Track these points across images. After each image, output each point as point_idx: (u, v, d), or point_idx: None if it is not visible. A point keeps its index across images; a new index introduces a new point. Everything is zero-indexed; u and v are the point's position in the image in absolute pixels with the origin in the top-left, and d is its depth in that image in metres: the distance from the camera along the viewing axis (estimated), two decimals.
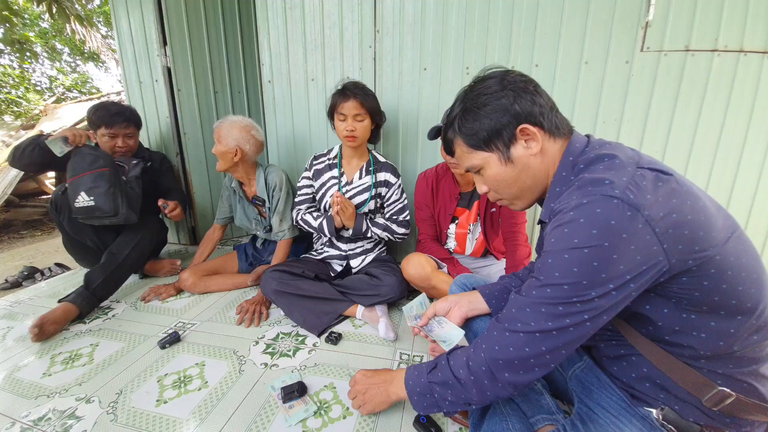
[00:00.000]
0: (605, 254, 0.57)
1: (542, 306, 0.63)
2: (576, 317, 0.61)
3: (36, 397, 1.12)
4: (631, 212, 0.56)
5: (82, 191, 1.60)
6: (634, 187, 0.58)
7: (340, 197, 1.51)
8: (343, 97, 1.50)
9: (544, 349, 0.64)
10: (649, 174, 0.61)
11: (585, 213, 0.59)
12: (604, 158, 0.66)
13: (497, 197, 0.82)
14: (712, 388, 0.63)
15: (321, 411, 1.05)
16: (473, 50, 1.77)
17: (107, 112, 1.80)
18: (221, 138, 1.67)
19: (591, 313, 0.61)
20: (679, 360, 0.66)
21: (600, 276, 0.58)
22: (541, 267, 0.65)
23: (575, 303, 0.60)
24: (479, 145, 0.75)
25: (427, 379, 0.80)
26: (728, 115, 1.64)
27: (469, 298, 0.98)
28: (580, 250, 0.58)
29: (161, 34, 2.19)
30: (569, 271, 0.60)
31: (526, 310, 0.66)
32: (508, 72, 0.74)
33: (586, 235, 0.58)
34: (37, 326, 1.39)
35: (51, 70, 9.98)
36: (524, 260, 1.47)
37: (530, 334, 0.64)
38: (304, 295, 1.51)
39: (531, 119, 0.70)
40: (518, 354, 0.66)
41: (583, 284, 0.59)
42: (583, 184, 0.63)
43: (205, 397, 1.11)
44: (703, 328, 0.62)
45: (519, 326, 0.66)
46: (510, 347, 0.67)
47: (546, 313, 0.63)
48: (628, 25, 1.60)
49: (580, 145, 0.73)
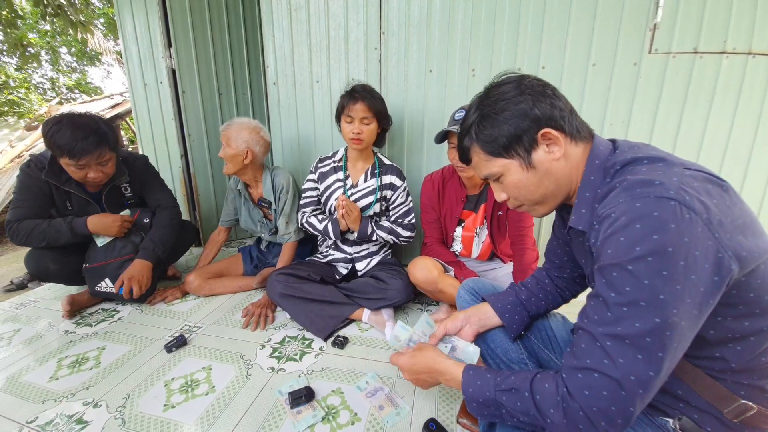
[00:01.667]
0: (672, 262, 0.51)
1: (626, 338, 0.54)
2: (667, 348, 0.52)
3: (43, 401, 1.12)
4: (689, 215, 0.51)
5: (106, 278, 1.59)
6: (688, 188, 0.53)
7: (345, 200, 1.51)
8: (351, 99, 1.49)
9: (641, 391, 0.54)
10: (699, 175, 0.57)
11: (640, 217, 0.53)
12: (644, 160, 0.62)
13: (517, 204, 0.79)
14: (735, 401, 0.61)
15: (329, 417, 1.05)
16: (479, 52, 1.76)
17: (71, 140, 1.38)
18: (230, 141, 1.66)
19: (679, 338, 0.53)
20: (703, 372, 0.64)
21: (674, 287, 0.51)
22: (607, 282, 0.57)
23: (660, 327, 0.52)
24: (498, 151, 0.72)
25: (494, 392, 0.68)
26: (737, 117, 1.63)
27: (479, 314, 0.95)
28: (644, 259, 0.52)
29: (166, 36, 2.19)
30: (641, 285, 0.52)
31: (607, 344, 0.55)
32: (524, 77, 0.72)
33: (647, 241, 0.52)
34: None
35: (52, 71, 10.01)
36: (532, 264, 1.46)
37: (625, 378, 0.54)
38: (309, 298, 1.51)
39: (552, 123, 0.68)
40: (613, 398, 0.55)
41: (660, 300, 0.51)
42: (631, 185, 0.57)
43: (213, 402, 1.11)
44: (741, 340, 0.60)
45: (606, 364, 0.55)
46: (603, 390, 0.55)
47: (632, 345, 0.54)
48: (636, 27, 1.59)
49: (605, 148, 0.70)
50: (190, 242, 2.03)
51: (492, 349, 0.95)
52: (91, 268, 1.58)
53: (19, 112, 8.04)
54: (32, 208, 1.52)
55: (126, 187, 1.73)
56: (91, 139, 1.42)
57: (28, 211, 1.51)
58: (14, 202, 1.53)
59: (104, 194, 1.64)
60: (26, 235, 1.49)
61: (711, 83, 1.60)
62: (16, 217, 1.50)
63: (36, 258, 1.58)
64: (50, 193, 1.56)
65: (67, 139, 1.38)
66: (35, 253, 1.59)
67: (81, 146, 1.40)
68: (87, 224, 1.54)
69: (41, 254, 1.59)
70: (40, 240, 1.50)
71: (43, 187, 1.53)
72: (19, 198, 1.53)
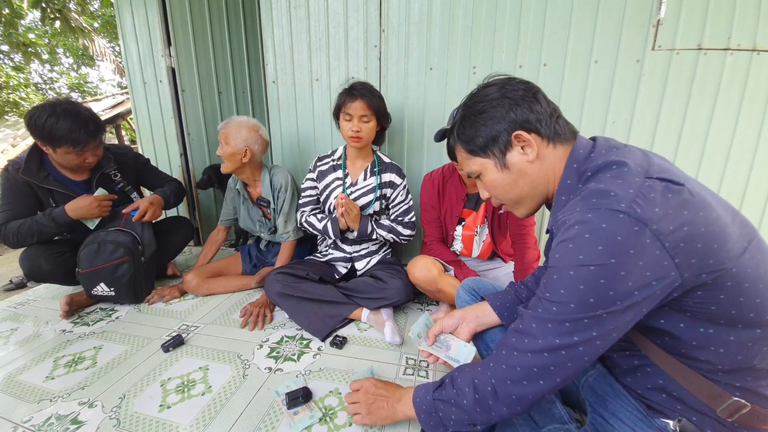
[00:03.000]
0: (612, 271, 0.55)
1: (548, 322, 0.62)
2: (584, 334, 0.59)
3: (39, 401, 1.11)
4: (638, 227, 0.54)
5: (101, 283, 1.58)
6: (641, 200, 0.56)
7: (344, 199, 1.49)
8: (350, 96, 1.48)
9: (553, 368, 0.62)
10: (659, 185, 0.58)
11: (590, 228, 0.57)
12: (613, 166, 0.64)
13: (499, 202, 0.82)
14: (728, 399, 0.61)
15: (326, 418, 1.03)
16: (480, 50, 1.74)
17: (74, 129, 1.42)
18: (229, 139, 1.65)
19: (599, 330, 0.59)
20: (696, 372, 0.64)
21: (608, 294, 0.56)
22: (546, 283, 0.63)
23: (583, 320, 0.59)
24: (476, 151, 0.76)
25: (432, 397, 0.78)
26: (741, 115, 1.61)
27: (477, 312, 0.95)
28: (586, 267, 0.57)
29: (165, 35, 2.18)
30: (575, 288, 0.58)
31: (532, 326, 0.64)
32: (510, 79, 0.75)
33: (592, 251, 0.56)
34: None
35: (51, 72, 10.06)
36: (533, 263, 1.44)
37: (538, 352, 0.63)
38: (308, 298, 1.49)
39: (527, 126, 0.71)
40: (526, 374, 0.64)
41: (590, 302, 0.57)
42: (588, 195, 0.61)
43: (209, 402, 1.10)
44: (721, 343, 0.60)
45: (526, 343, 0.64)
46: (517, 366, 0.65)
47: (553, 330, 0.61)
48: (639, 24, 1.57)
49: (584, 150, 0.71)
50: (188, 238, 2.02)
51: (488, 347, 0.93)
52: (84, 273, 1.56)
53: (19, 112, 8.07)
54: (17, 209, 1.52)
55: (115, 173, 1.74)
56: (91, 126, 1.49)
57: (13, 213, 1.52)
58: (1, 207, 1.54)
59: (95, 181, 1.66)
60: (15, 235, 1.49)
61: (715, 80, 1.58)
62: (4, 220, 1.50)
63: (30, 258, 1.58)
64: (34, 193, 1.56)
65: (69, 128, 1.42)
66: (29, 253, 1.59)
67: (84, 134, 1.46)
68: (66, 211, 1.53)
69: (35, 254, 1.58)
70: (28, 237, 1.50)
71: (25, 188, 1.54)
72: (3, 202, 1.53)
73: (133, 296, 1.66)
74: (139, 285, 1.67)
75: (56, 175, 1.60)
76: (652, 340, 0.68)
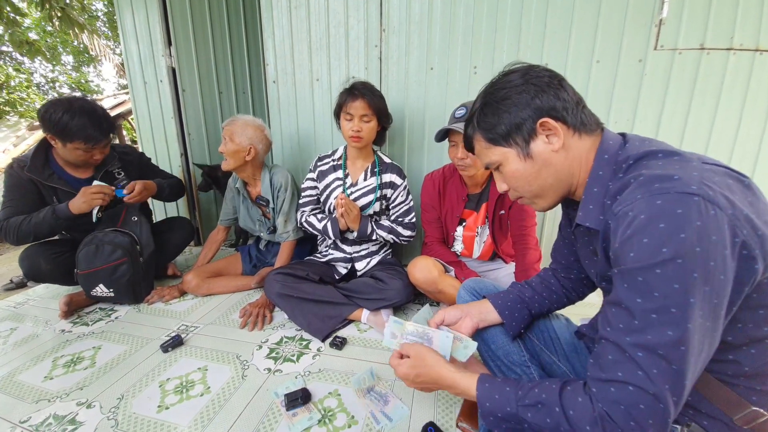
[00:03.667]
0: (702, 262, 0.48)
1: (659, 349, 0.51)
2: (697, 348, 0.50)
3: (37, 401, 1.10)
4: (714, 211, 0.48)
5: (100, 284, 1.58)
6: (710, 182, 0.50)
7: (344, 199, 1.48)
8: (351, 96, 1.47)
9: (675, 399, 0.51)
10: (720, 170, 0.54)
11: (663, 215, 0.49)
12: (658, 153, 0.59)
13: (517, 195, 0.77)
14: (746, 408, 0.59)
15: (325, 419, 1.03)
16: (481, 49, 1.73)
17: (89, 126, 1.47)
18: (234, 136, 1.66)
19: (709, 338, 0.51)
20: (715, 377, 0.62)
21: (703, 290, 0.48)
22: (629, 289, 0.53)
23: (689, 329, 0.49)
24: (498, 140, 0.71)
25: (516, 407, 0.65)
26: (744, 115, 1.59)
27: (480, 308, 0.93)
28: (673, 261, 0.49)
29: (166, 35, 2.18)
30: (670, 288, 0.49)
31: (638, 355, 0.52)
32: (532, 67, 0.71)
33: (675, 241, 0.48)
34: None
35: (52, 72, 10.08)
36: (534, 264, 1.43)
37: (661, 387, 0.51)
38: (308, 298, 1.48)
39: (553, 113, 0.67)
40: (647, 412, 0.52)
41: (691, 303, 0.49)
42: (648, 180, 0.54)
43: (207, 403, 1.09)
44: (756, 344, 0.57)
45: (640, 376, 0.52)
46: (640, 404, 0.52)
47: (665, 356, 0.50)
48: (641, 23, 1.56)
49: (615, 142, 0.68)
50: (188, 239, 2.02)
51: (493, 351, 0.92)
52: (83, 275, 1.56)
53: (20, 112, 8.09)
54: (20, 206, 1.52)
55: (119, 171, 1.74)
56: (104, 124, 1.54)
57: (15, 209, 1.52)
58: (3, 203, 1.54)
59: (99, 179, 1.65)
60: (16, 230, 1.48)
61: (718, 80, 1.57)
62: (5, 216, 1.50)
63: (29, 258, 1.58)
64: (38, 191, 1.56)
65: (83, 125, 1.46)
66: (28, 252, 1.59)
67: (98, 132, 1.51)
68: (69, 206, 1.52)
69: (34, 254, 1.58)
70: (29, 232, 1.50)
71: (29, 185, 1.54)
72: (6, 198, 1.54)
73: (132, 297, 1.66)
74: (138, 285, 1.67)
75: (60, 173, 1.60)
76: None
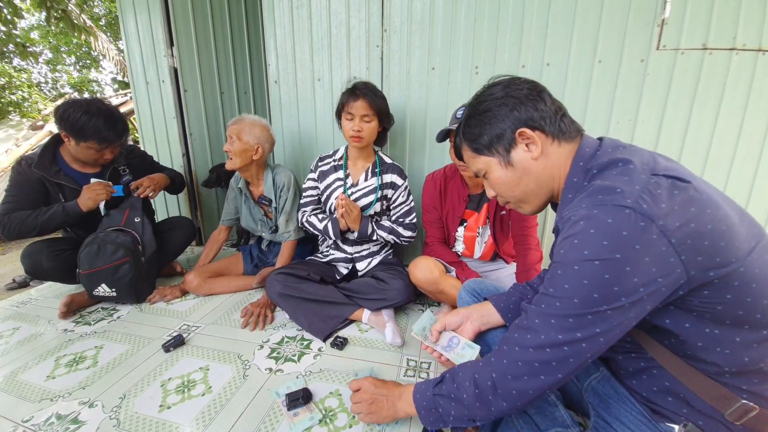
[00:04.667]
0: (617, 267, 0.55)
1: (551, 318, 0.62)
2: (587, 330, 0.59)
3: (39, 400, 1.11)
4: (644, 222, 0.54)
5: (102, 284, 1.59)
6: (647, 196, 0.56)
7: (344, 200, 1.48)
8: (352, 96, 1.48)
9: (554, 364, 0.62)
10: (665, 181, 0.58)
11: (595, 223, 0.57)
12: (618, 163, 0.64)
13: (504, 200, 0.82)
14: (736, 401, 0.61)
15: (326, 419, 1.03)
16: (483, 49, 1.73)
17: (105, 127, 1.51)
18: (242, 135, 1.67)
19: (603, 326, 0.59)
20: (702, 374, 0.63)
21: (612, 289, 0.56)
22: (551, 278, 0.63)
23: (586, 316, 0.59)
24: (481, 149, 0.77)
25: (432, 392, 0.78)
26: (747, 115, 1.59)
27: (481, 311, 0.94)
28: (590, 262, 0.57)
29: (168, 35, 2.18)
30: (579, 283, 0.58)
31: (535, 321, 0.64)
32: (514, 79, 0.76)
33: (597, 246, 0.56)
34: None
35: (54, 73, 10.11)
36: (535, 264, 1.43)
37: (540, 347, 0.63)
38: (309, 298, 1.49)
39: (530, 123, 0.71)
40: (527, 369, 0.64)
41: (594, 298, 0.57)
42: (594, 191, 0.61)
43: (209, 402, 1.09)
44: (727, 344, 0.60)
45: (529, 338, 0.64)
46: (519, 361, 0.65)
47: (556, 325, 0.61)
48: (644, 23, 1.56)
49: (591, 149, 0.71)
50: (190, 238, 2.02)
51: (491, 348, 0.93)
52: (85, 275, 1.57)
53: (22, 112, 8.12)
54: (20, 202, 1.54)
55: (124, 169, 1.77)
56: (119, 127, 1.58)
57: (16, 205, 1.53)
58: (4, 199, 1.55)
59: (106, 177, 1.69)
60: (18, 225, 1.49)
61: (720, 80, 1.56)
62: (6, 211, 1.51)
63: (31, 255, 1.59)
64: (44, 189, 1.58)
65: (101, 126, 1.50)
66: (31, 250, 1.60)
67: (113, 134, 1.55)
68: (78, 203, 1.55)
69: (36, 252, 1.59)
70: (33, 227, 1.51)
71: (35, 183, 1.56)
72: (9, 194, 1.55)
73: (134, 296, 1.67)
74: (140, 285, 1.68)
75: (66, 170, 1.62)
76: (658, 341, 0.68)
